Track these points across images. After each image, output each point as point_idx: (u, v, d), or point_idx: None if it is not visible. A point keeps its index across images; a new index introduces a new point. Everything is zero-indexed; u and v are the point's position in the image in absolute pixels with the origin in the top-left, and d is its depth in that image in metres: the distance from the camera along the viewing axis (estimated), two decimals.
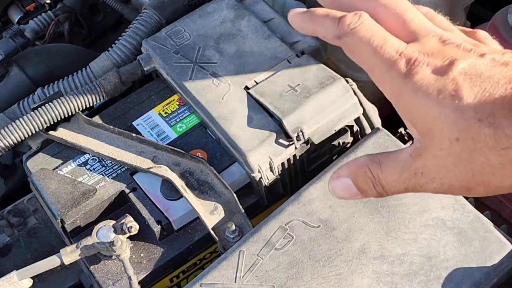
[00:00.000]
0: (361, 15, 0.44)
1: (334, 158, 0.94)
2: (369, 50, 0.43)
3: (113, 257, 0.85)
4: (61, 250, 0.83)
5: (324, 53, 1.07)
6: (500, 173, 0.40)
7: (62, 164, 0.93)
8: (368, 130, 0.93)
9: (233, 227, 0.81)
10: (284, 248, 0.78)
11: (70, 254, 0.83)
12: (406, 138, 0.90)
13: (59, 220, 0.88)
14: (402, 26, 0.44)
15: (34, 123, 0.93)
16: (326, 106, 0.89)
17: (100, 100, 0.98)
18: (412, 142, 0.45)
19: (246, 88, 0.92)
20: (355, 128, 0.94)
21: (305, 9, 0.49)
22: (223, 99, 0.91)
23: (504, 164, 0.39)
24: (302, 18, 0.48)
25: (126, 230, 0.82)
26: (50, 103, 0.94)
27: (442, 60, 0.41)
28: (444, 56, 0.41)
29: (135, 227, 0.83)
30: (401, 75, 0.42)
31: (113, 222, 0.84)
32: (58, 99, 0.95)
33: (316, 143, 0.89)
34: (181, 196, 0.86)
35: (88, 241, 0.83)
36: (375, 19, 0.45)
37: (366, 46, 0.43)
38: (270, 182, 0.89)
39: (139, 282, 0.83)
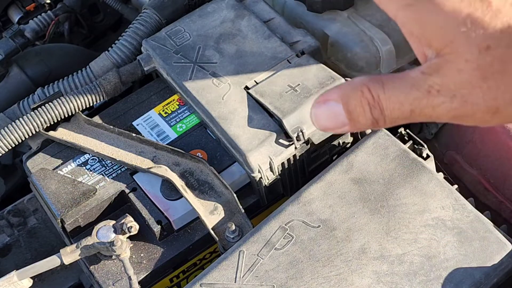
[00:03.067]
0: None
1: (334, 158, 0.94)
2: None
3: (113, 257, 0.85)
4: (61, 250, 0.83)
5: (324, 53, 1.07)
6: None
7: (62, 164, 0.93)
8: (368, 130, 0.93)
9: (233, 227, 0.81)
10: (284, 248, 0.78)
11: (70, 254, 0.83)
12: (406, 138, 0.89)
13: (59, 220, 0.88)
14: None
15: (34, 123, 0.93)
16: None
17: (100, 100, 0.98)
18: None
19: (246, 88, 0.92)
20: None
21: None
22: (223, 99, 0.91)
23: None
24: None
25: (126, 230, 0.82)
26: (50, 103, 0.94)
27: None
28: None
29: (135, 227, 0.83)
30: None
31: (113, 222, 0.84)
32: (58, 99, 0.95)
33: (316, 143, 0.89)
34: (181, 196, 0.86)
35: (88, 241, 0.83)
36: None
37: None
38: (270, 182, 0.88)
39: (139, 282, 0.83)
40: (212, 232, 0.84)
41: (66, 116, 0.95)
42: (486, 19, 0.34)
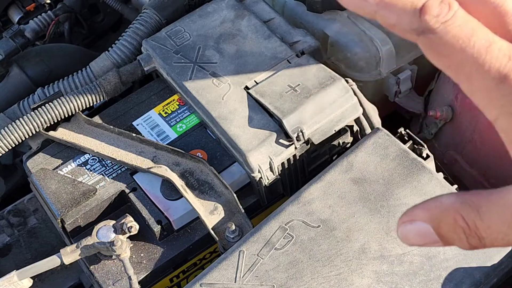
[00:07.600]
0: (450, 4, 0.31)
1: (334, 158, 0.94)
2: (467, 55, 0.31)
3: (113, 257, 0.85)
4: (61, 250, 0.83)
5: (324, 53, 1.07)
6: None
7: (62, 164, 0.93)
8: (368, 130, 0.94)
9: (233, 227, 0.81)
10: (284, 248, 0.78)
11: (70, 254, 0.83)
12: (406, 138, 0.89)
13: (59, 220, 0.88)
14: (500, 21, 0.33)
15: (34, 123, 0.93)
16: (326, 106, 0.89)
17: (100, 100, 0.98)
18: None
19: (246, 88, 0.92)
20: (355, 128, 0.94)
21: None
22: (223, 99, 0.91)
23: None
24: None
25: (126, 230, 0.82)
26: (50, 103, 0.94)
27: None
28: None
29: (135, 227, 0.83)
30: None
31: (113, 222, 0.84)
32: (58, 99, 0.95)
33: (316, 143, 0.89)
34: (181, 196, 0.86)
35: (88, 241, 0.83)
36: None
37: (462, 49, 0.31)
38: (270, 182, 0.88)
39: (139, 282, 0.83)
40: (212, 232, 0.84)
41: (66, 116, 0.95)
42: None
